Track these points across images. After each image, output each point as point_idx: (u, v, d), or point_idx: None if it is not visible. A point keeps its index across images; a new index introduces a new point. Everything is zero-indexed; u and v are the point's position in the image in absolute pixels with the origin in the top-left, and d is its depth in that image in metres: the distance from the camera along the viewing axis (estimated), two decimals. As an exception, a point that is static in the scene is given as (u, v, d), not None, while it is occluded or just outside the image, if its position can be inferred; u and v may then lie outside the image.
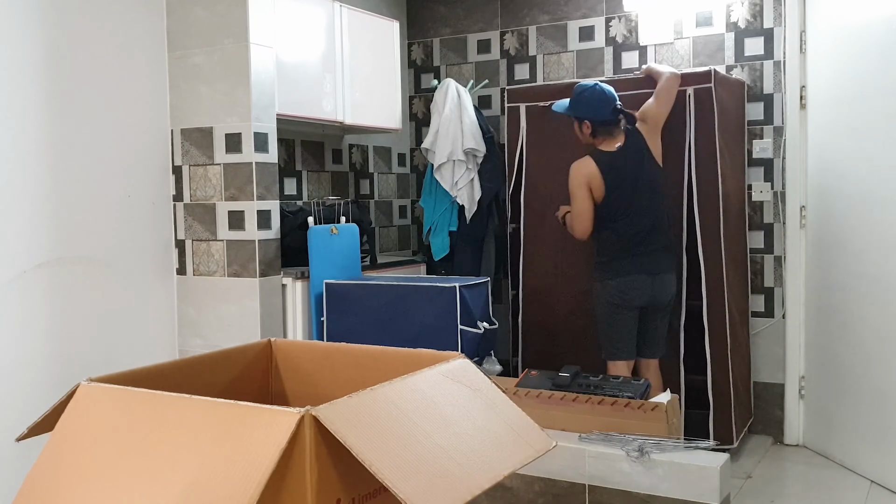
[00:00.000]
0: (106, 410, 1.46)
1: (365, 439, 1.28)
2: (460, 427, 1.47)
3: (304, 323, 3.63)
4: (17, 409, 2.89)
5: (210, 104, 3.51)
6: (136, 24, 3.47)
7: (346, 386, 1.70)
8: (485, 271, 4.52)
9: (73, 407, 1.49)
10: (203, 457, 1.26)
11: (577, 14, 4.59)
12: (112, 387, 1.52)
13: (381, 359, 1.86)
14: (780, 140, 4.08)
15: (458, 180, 4.31)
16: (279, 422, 1.26)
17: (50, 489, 1.39)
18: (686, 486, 2.53)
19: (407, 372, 1.55)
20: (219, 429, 1.29)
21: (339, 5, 3.94)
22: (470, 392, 1.59)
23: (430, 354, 1.76)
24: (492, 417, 1.56)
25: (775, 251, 4.13)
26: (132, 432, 1.39)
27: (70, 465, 1.41)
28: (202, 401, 1.38)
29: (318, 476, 1.27)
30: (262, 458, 1.21)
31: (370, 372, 1.80)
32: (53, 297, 3.13)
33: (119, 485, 1.32)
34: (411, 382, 1.50)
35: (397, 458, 1.29)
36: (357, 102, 4.03)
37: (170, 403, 1.41)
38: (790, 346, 4.10)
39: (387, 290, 3.53)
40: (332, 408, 1.30)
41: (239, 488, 1.18)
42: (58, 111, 3.15)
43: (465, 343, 3.37)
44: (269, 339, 2.02)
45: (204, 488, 1.22)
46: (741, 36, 4.16)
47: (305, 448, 1.25)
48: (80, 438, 1.44)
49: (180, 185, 3.62)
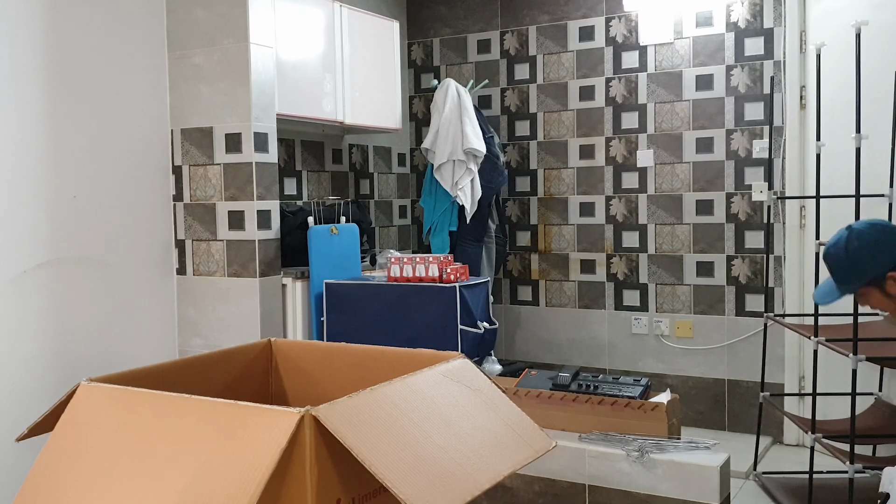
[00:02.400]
0: (106, 410, 1.46)
1: (365, 439, 1.28)
2: (460, 427, 1.47)
3: (304, 323, 3.63)
4: (17, 409, 2.89)
5: (210, 104, 3.51)
6: (136, 24, 3.47)
7: (346, 386, 1.70)
8: (485, 271, 4.52)
9: (73, 407, 1.50)
10: (203, 457, 1.26)
11: (577, 14, 4.59)
12: (112, 387, 1.52)
13: (381, 359, 1.86)
14: (780, 140, 4.08)
15: (458, 180, 4.31)
16: (279, 422, 1.26)
17: (50, 489, 1.39)
18: (686, 486, 2.53)
19: (407, 372, 1.55)
20: (219, 429, 1.29)
21: (339, 5, 3.94)
22: (470, 392, 1.59)
23: (430, 354, 1.77)
24: (492, 417, 1.56)
25: (775, 251, 4.13)
26: (132, 432, 1.39)
27: (70, 465, 1.41)
28: (202, 401, 1.38)
29: (318, 476, 1.27)
30: (263, 458, 1.21)
31: (370, 372, 1.80)
32: (53, 297, 3.13)
33: (119, 485, 1.32)
34: (411, 382, 1.50)
35: (397, 459, 1.29)
36: (357, 102, 4.03)
37: (170, 403, 1.41)
38: (790, 346, 4.10)
39: (387, 290, 3.53)
40: (332, 408, 1.30)
41: (239, 488, 1.18)
42: (58, 111, 3.15)
43: (465, 343, 3.37)
44: (269, 339, 2.02)
45: (204, 488, 1.21)
46: (741, 36, 4.16)
47: (305, 448, 1.25)
48: (81, 438, 1.44)
49: (180, 185, 3.62)
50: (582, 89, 4.59)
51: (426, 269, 3.47)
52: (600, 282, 4.58)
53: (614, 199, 4.52)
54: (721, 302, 4.28)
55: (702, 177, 4.29)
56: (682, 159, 4.34)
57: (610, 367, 4.54)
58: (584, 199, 4.61)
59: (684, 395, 4.30)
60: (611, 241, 4.55)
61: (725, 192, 4.24)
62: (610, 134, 4.52)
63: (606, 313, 4.57)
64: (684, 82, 4.32)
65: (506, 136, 4.82)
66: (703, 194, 4.30)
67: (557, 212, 4.69)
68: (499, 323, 3.59)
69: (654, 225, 4.43)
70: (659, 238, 4.42)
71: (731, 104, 4.20)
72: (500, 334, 4.60)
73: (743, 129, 4.18)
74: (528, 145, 4.76)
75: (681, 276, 4.37)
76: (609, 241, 4.55)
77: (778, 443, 4.14)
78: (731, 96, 4.20)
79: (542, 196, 4.74)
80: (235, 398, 1.38)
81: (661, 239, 4.41)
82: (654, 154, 4.40)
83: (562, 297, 4.69)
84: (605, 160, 4.54)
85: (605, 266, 4.56)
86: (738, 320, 4.24)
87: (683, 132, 4.33)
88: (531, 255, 4.78)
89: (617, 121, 4.50)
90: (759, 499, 3.41)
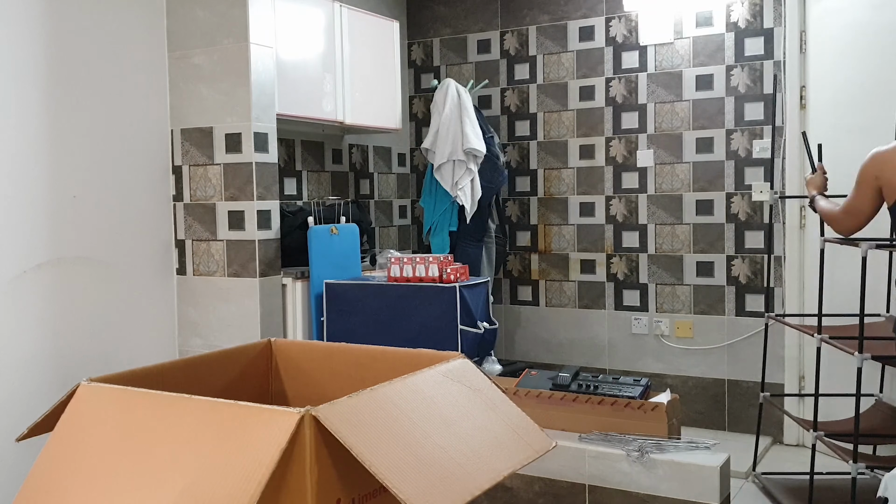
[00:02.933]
0: (106, 410, 1.46)
1: (365, 440, 1.28)
2: (460, 427, 1.47)
3: (304, 323, 3.63)
4: (17, 409, 2.89)
5: (210, 104, 3.51)
6: (136, 24, 3.47)
7: (346, 386, 1.70)
8: (485, 271, 4.52)
9: (73, 407, 1.49)
10: (203, 457, 1.26)
11: (577, 14, 4.59)
12: (112, 387, 1.52)
13: (380, 359, 1.85)
14: (780, 140, 4.08)
15: (459, 180, 4.31)
16: (279, 422, 1.25)
17: (50, 489, 1.39)
18: (686, 486, 2.53)
19: (407, 372, 1.55)
20: (219, 429, 1.29)
21: (339, 5, 3.94)
22: (470, 392, 1.59)
23: (429, 354, 1.76)
24: (492, 418, 1.56)
25: (775, 251, 4.13)
26: (132, 432, 1.39)
27: (70, 465, 1.40)
28: (202, 401, 1.38)
29: (319, 476, 1.27)
30: (263, 457, 1.21)
31: (370, 372, 1.80)
32: (53, 297, 3.13)
33: (119, 485, 1.32)
34: (411, 382, 1.50)
35: (397, 459, 1.28)
36: (357, 102, 4.03)
37: (170, 403, 1.40)
38: (790, 346, 4.10)
39: (387, 290, 3.53)
40: (333, 408, 1.30)
41: (239, 488, 1.18)
42: (58, 111, 3.15)
43: (465, 343, 3.37)
44: (269, 339, 2.02)
45: (204, 488, 1.21)
46: (741, 36, 4.16)
47: (306, 448, 1.25)
48: (81, 439, 1.44)
49: (180, 185, 3.62)
50: (582, 89, 4.59)
51: (426, 269, 3.46)
52: (600, 282, 4.58)
53: (614, 199, 4.52)
54: (721, 302, 4.28)
55: (702, 177, 4.29)
56: (682, 159, 4.34)
57: (610, 367, 4.54)
58: (584, 199, 4.61)
59: (684, 395, 4.30)
60: (611, 241, 4.55)
61: (725, 192, 4.24)
62: (610, 134, 4.52)
63: (606, 313, 4.57)
64: (684, 82, 4.32)
65: (506, 136, 4.82)
66: (703, 194, 4.30)
67: (557, 212, 4.69)
68: (499, 323, 3.59)
69: (654, 225, 4.43)
70: (659, 238, 4.42)
71: (731, 104, 4.20)
72: (500, 334, 4.60)
73: (743, 129, 4.18)
74: (528, 145, 4.76)
75: (681, 276, 4.37)
76: (609, 241, 4.55)
77: (778, 443, 4.14)
78: (731, 96, 4.20)
79: (542, 196, 4.74)
80: (235, 398, 1.38)
81: (661, 239, 4.41)
82: (654, 154, 4.40)
83: (562, 297, 4.69)
84: (605, 160, 4.54)
85: (605, 266, 4.56)
86: (738, 320, 4.24)
87: (683, 132, 4.33)
88: (531, 255, 4.78)
89: (617, 121, 4.50)
90: (759, 499, 3.41)
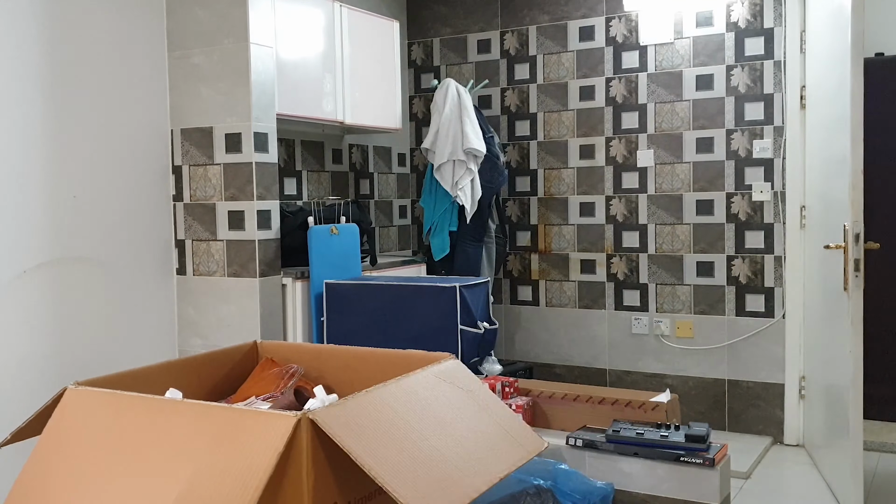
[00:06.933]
0: (95, 415, 1.44)
1: (363, 443, 1.28)
2: (455, 429, 1.47)
3: (304, 323, 3.63)
4: (16, 409, 2.89)
5: (210, 104, 3.51)
6: (136, 24, 3.47)
7: (336, 388, 1.70)
8: (485, 271, 4.52)
9: (60, 411, 1.47)
10: (198, 462, 1.26)
11: (577, 14, 4.58)
12: (100, 391, 1.50)
13: (370, 360, 1.85)
14: (780, 140, 4.08)
15: (458, 180, 4.31)
16: (276, 425, 1.25)
17: (39, 495, 1.38)
18: (686, 486, 2.53)
19: (397, 374, 1.55)
20: (214, 433, 1.29)
21: (339, 5, 3.94)
22: (463, 394, 1.59)
23: (420, 355, 1.75)
24: (485, 419, 1.56)
25: (775, 251, 4.13)
26: (123, 437, 1.37)
27: (59, 470, 1.39)
28: (195, 404, 1.38)
29: (315, 480, 1.27)
30: (260, 462, 1.21)
31: (360, 374, 1.80)
32: (53, 297, 3.13)
33: (111, 491, 1.31)
34: (405, 384, 1.50)
35: (395, 462, 1.28)
36: (357, 102, 4.03)
37: (161, 408, 1.39)
38: (790, 346, 4.10)
39: (387, 290, 3.53)
40: (329, 411, 1.30)
41: (236, 494, 1.18)
42: (58, 111, 3.15)
43: (465, 343, 3.37)
44: (255, 341, 2.00)
45: (200, 494, 1.21)
46: (741, 36, 4.16)
47: (302, 452, 1.25)
48: (70, 443, 1.42)
49: (180, 185, 3.62)
50: (582, 89, 4.58)
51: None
52: (600, 282, 4.58)
53: (614, 199, 4.52)
54: (721, 302, 4.28)
55: (702, 177, 4.29)
56: (682, 159, 4.34)
57: (610, 367, 4.54)
58: (584, 199, 4.61)
59: (684, 395, 4.30)
60: (611, 241, 4.55)
61: (725, 192, 4.24)
62: (610, 134, 4.52)
63: (606, 313, 4.57)
64: (684, 82, 4.31)
65: (506, 136, 4.82)
66: (703, 194, 4.29)
67: (557, 212, 4.69)
68: (499, 323, 3.59)
69: (655, 225, 4.42)
70: (659, 238, 4.41)
71: (731, 104, 4.20)
72: (500, 334, 4.61)
73: (743, 129, 4.18)
74: (528, 145, 4.76)
75: (681, 276, 4.37)
76: (609, 241, 4.55)
77: (778, 443, 4.14)
78: (732, 96, 4.20)
79: (542, 196, 4.73)
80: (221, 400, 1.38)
81: (662, 239, 4.41)
82: (655, 154, 4.40)
83: (562, 297, 4.69)
84: (605, 160, 4.53)
85: (606, 266, 4.56)
86: (738, 320, 4.24)
87: (683, 132, 4.33)
88: (531, 255, 4.78)
89: (617, 121, 4.50)
90: (760, 499, 3.41)
